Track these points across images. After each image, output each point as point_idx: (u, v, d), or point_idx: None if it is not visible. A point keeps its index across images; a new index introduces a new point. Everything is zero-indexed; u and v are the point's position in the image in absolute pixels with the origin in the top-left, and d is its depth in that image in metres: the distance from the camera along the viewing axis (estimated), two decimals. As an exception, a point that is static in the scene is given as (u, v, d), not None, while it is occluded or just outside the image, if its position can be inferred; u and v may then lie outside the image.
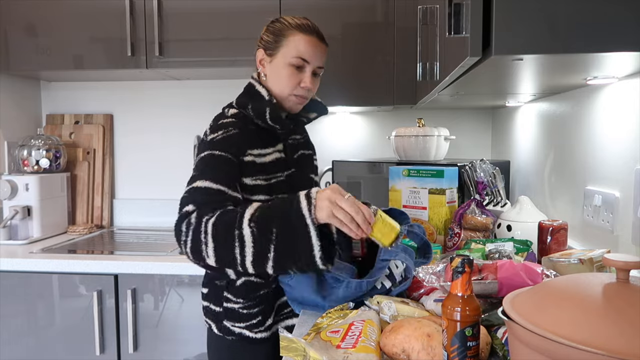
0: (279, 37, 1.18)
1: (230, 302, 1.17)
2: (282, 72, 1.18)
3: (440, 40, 1.13)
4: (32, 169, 2.13)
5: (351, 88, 1.94)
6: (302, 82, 1.19)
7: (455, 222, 1.46)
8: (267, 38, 1.19)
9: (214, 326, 1.20)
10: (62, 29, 2.00)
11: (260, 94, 1.18)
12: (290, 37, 1.17)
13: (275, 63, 1.18)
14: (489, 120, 2.33)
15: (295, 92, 1.20)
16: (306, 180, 1.30)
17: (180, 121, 2.39)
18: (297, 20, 1.19)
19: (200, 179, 1.06)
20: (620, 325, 0.53)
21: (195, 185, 1.06)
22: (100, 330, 1.76)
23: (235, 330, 1.17)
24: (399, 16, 1.90)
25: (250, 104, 1.17)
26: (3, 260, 1.75)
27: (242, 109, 1.18)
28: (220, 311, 1.19)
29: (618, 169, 1.12)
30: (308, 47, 1.17)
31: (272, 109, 1.16)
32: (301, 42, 1.17)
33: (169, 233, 2.22)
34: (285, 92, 1.19)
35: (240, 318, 1.16)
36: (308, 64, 1.18)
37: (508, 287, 0.89)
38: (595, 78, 1.05)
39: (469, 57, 0.76)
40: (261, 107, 1.16)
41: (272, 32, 1.19)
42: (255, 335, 1.17)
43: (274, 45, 1.18)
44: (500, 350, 0.81)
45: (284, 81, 1.18)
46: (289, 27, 1.17)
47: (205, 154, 1.10)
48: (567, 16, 0.70)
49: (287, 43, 1.17)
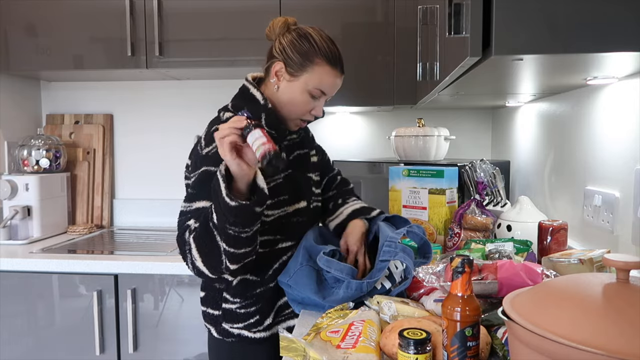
0: (305, 62, 1.13)
1: (228, 302, 1.17)
2: (298, 97, 1.15)
3: (440, 40, 1.13)
4: (32, 169, 2.13)
5: (351, 88, 1.94)
6: (313, 110, 1.19)
7: (455, 222, 1.46)
8: (292, 56, 1.14)
9: (213, 330, 1.20)
10: (62, 29, 2.00)
11: (255, 97, 1.16)
12: (317, 67, 1.13)
13: (293, 85, 1.15)
14: (489, 120, 2.33)
15: (304, 117, 1.19)
16: (305, 180, 1.28)
17: (180, 121, 2.39)
18: (325, 44, 1.14)
19: (198, 199, 1.06)
20: (620, 325, 0.53)
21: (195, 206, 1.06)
22: (100, 330, 1.76)
23: (234, 331, 1.17)
24: (399, 16, 1.90)
25: (245, 107, 1.14)
26: (3, 260, 1.75)
27: (237, 112, 1.15)
28: (218, 314, 1.18)
29: (618, 169, 1.12)
30: (331, 81, 1.16)
31: (267, 115, 1.14)
32: (326, 75, 1.14)
33: (169, 233, 2.22)
34: (294, 115, 1.18)
35: (238, 318, 1.16)
36: (325, 96, 1.18)
37: (508, 287, 0.89)
38: (595, 78, 1.05)
39: (469, 57, 0.76)
40: (257, 112, 1.13)
41: (299, 51, 1.13)
42: (254, 336, 1.17)
43: (298, 67, 1.13)
44: (500, 350, 0.81)
45: (298, 106, 1.16)
46: (318, 52, 1.13)
47: (202, 170, 1.08)
48: (567, 16, 0.70)
49: (313, 71, 1.13)
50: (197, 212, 1.05)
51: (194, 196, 1.07)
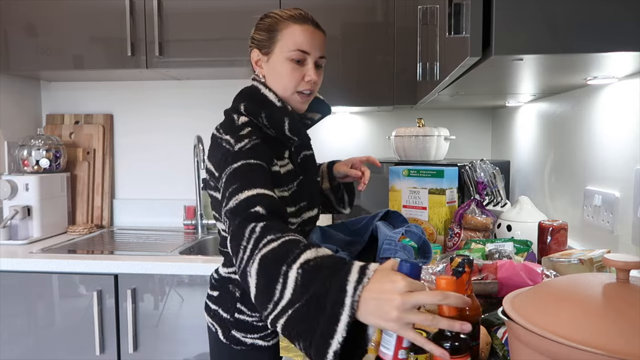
0: (272, 33, 1.08)
1: (243, 314, 1.12)
2: (282, 69, 1.08)
3: (440, 40, 1.13)
4: (32, 169, 2.13)
5: (351, 88, 1.94)
6: (305, 76, 1.09)
7: (455, 222, 1.46)
8: (260, 36, 1.11)
9: (220, 332, 1.15)
10: (62, 29, 2.00)
11: (268, 99, 1.09)
12: (285, 30, 1.07)
13: (272, 61, 1.09)
14: (489, 120, 2.33)
15: (300, 89, 1.10)
16: (313, 184, 1.22)
17: (180, 121, 2.39)
18: (288, 12, 1.10)
19: (248, 188, 0.91)
20: (620, 325, 0.53)
21: (247, 195, 0.90)
22: (100, 330, 1.76)
23: (247, 340, 1.13)
24: (399, 16, 1.90)
25: (262, 112, 1.07)
26: (3, 260, 1.75)
27: (252, 117, 1.08)
28: (230, 319, 1.14)
29: (618, 169, 1.12)
30: (306, 37, 1.08)
31: (291, 120, 1.07)
32: (297, 32, 1.07)
33: (169, 233, 2.23)
34: (288, 90, 1.10)
35: (254, 330, 1.13)
36: (309, 55, 1.09)
37: (508, 287, 0.89)
38: (595, 78, 1.05)
39: (469, 57, 0.76)
40: (278, 118, 1.07)
41: (263, 28, 1.10)
42: (267, 343, 1.14)
43: (268, 42, 1.09)
44: (500, 350, 0.81)
45: (286, 78, 1.08)
46: (281, 19, 1.09)
47: (241, 164, 0.97)
48: (567, 16, 0.70)
49: (282, 37, 1.07)
50: (252, 200, 0.89)
51: (239, 189, 0.92)
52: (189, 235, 2.19)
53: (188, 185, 2.38)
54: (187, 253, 1.90)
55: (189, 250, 1.94)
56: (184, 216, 2.30)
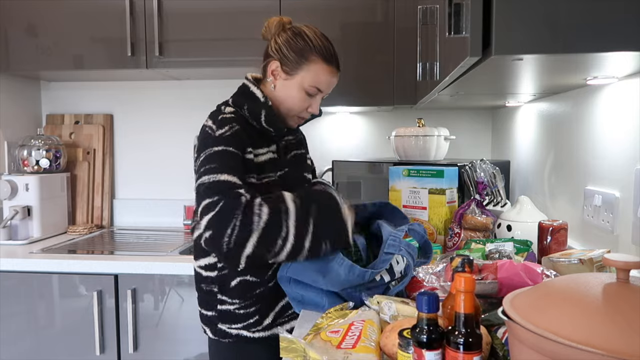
0: (301, 59, 1.15)
1: (225, 304, 1.17)
2: (294, 95, 1.18)
3: (440, 40, 1.13)
4: (32, 169, 2.13)
5: (351, 88, 1.94)
6: (310, 108, 1.21)
7: (455, 222, 1.46)
8: (288, 54, 1.16)
9: (209, 330, 1.21)
10: (62, 29, 2.00)
11: (255, 95, 1.18)
12: (312, 65, 1.15)
13: (290, 83, 1.18)
14: (489, 120, 2.33)
15: (301, 115, 1.22)
16: (301, 179, 1.30)
17: (180, 121, 2.39)
18: (319, 42, 1.16)
19: (220, 172, 1.05)
20: (620, 325, 0.53)
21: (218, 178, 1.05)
22: (100, 330, 1.76)
23: (232, 332, 1.17)
24: (399, 16, 1.90)
25: (246, 104, 1.16)
26: (3, 260, 1.75)
27: (237, 108, 1.17)
28: (212, 315, 1.19)
29: (618, 169, 1.12)
30: (327, 79, 1.18)
31: (267, 112, 1.16)
32: (322, 72, 1.16)
33: (169, 233, 2.23)
34: (291, 112, 1.21)
35: (237, 319, 1.16)
36: (322, 92, 1.20)
37: (508, 287, 0.89)
38: (595, 78, 1.05)
39: (469, 57, 0.76)
40: (257, 109, 1.16)
41: (294, 49, 1.16)
42: (253, 335, 1.17)
43: (294, 65, 1.16)
44: (500, 350, 0.81)
45: (295, 104, 1.19)
46: (313, 50, 1.15)
47: (221, 149, 1.08)
48: (567, 16, 0.70)
49: (309, 69, 1.16)
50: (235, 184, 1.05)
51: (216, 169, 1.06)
52: (189, 235, 2.19)
53: (188, 185, 2.38)
54: (187, 253, 1.90)
55: (189, 251, 1.94)
56: (184, 216, 2.30)
